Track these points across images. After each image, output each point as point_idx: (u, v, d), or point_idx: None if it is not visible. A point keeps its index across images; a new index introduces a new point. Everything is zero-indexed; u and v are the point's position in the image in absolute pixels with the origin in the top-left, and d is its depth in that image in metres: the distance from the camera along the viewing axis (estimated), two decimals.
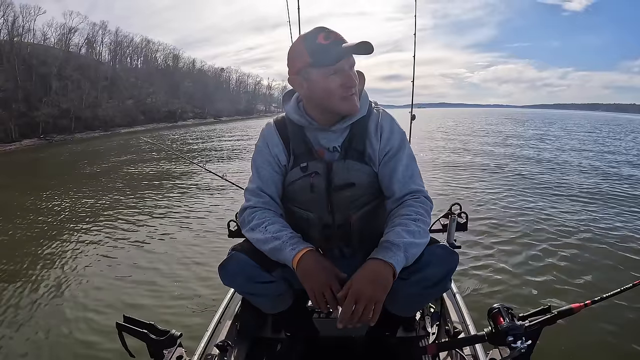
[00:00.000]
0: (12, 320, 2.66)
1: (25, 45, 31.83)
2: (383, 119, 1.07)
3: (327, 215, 1.06)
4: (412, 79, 2.40)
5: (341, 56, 0.94)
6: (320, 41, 0.95)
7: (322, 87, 0.97)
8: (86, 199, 6.65)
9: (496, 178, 6.90)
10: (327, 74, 0.95)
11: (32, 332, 2.50)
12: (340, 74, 0.95)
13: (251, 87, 76.66)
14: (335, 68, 0.95)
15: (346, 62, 0.96)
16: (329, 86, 0.96)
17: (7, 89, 26.80)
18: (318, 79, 0.97)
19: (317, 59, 0.95)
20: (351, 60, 0.97)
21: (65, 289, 3.12)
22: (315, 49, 0.95)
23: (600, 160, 9.61)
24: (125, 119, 37.20)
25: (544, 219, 4.30)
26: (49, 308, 2.82)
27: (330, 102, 0.99)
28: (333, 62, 0.94)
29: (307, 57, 0.96)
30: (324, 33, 0.95)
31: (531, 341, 0.93)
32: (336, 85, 0.96)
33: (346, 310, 0.87)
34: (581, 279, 2.90)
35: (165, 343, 1.07)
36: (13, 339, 2.44)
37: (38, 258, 3.89)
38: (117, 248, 4.02)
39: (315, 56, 0.95)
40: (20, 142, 25.05)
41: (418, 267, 0.96)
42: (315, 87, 0.98)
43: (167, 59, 55.84)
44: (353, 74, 0.98)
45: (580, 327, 2.07)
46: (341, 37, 0.96)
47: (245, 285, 1.04)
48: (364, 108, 1.05)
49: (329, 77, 0.95)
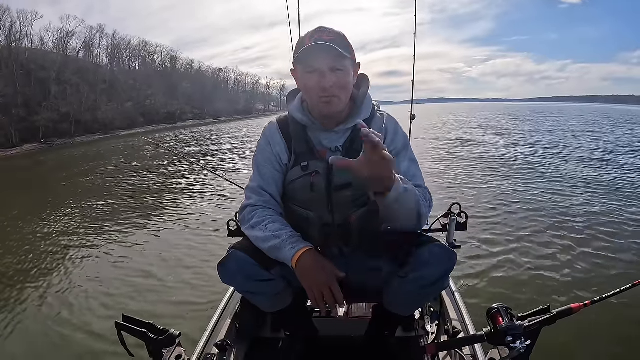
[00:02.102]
0: (11, 320, 2.67)
1: (23, 50, 31.81)
2: (388, 121, 1.08)
3: (327, 215, 1.06)
4: (410, 75, 2.39)
5: (310, 54, 0.96)
6: (305, 41, 0.97)
7: (302, 85, 1.02)
8: (86, 199, 6.66)
9: (496, 178, 6.87)
10: (306, 73, 0.99)
11: (32, 333, 2.52)
12: (319, 74, 0.97)
13: (249, 86, 76.67)
14: (313, 67, 0.97)
15: (322, 61, 0.96)
16: (306, 84, 1.00)
17: (7, 95, 26.85)
18: (301, 77, 1.02)
19: (297, 59, 0.98)
20: (335, 63, 0.97)
21: (65, 289, 3.13)
22: (299, 49, 0.98)
23: (600, 157, 9.57)
24: (124, 122, 37.23)
25: (545, 219, 4.29)
26: (49, 308, 2.83)
27: (310, 100, 1.03)
28: (305, 62, 0.97)
29: (294, 56, 1.00)
30: (314, 31, 0.98)
31: (530, 341, 0.93)
32: (313, 84, 0.98)
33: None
34: (581, 279, 2.89)
35: (164, 342, 1.07)
36: (13, 340, 2.45)
37: (37, 258, 3.90)
38: (117, 248, 4.03)
39: (298, 56, 0.98)
40: (21, 147, 25.12)
41: (416, 266, 0.97)
42: (299, 84, 1.04)
43: (164, 60, 55.85)
44: (335, 77, 0.97)
45: (580, 327, 2.07)
46: (329, 36, 0.96)
47: (244, 283, 1.05)
48: (367, 111, 1.06)
49: (307, 76, 0.99)
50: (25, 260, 3.93)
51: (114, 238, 4.40)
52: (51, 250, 4.20)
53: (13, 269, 3.68)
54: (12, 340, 2.47)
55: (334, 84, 0.97)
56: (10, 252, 4.21)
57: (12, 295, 3.11)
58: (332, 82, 0.97)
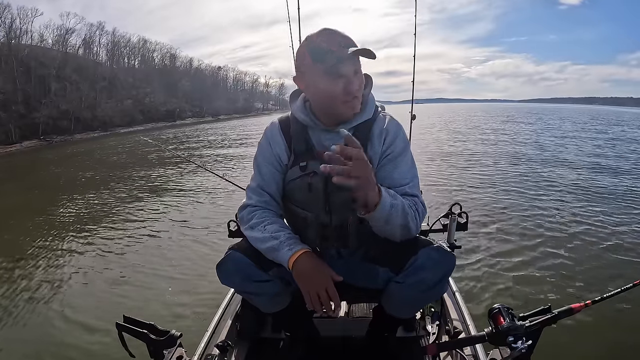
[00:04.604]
0: (10, 321, 2.67)
1: (23, 47, 31.76)
2: (389, 124, 1.06)
3: (325, 216, 1.05)
4: (409, 75, 2.39)
5: (341, 60, 0.92)
6: (323, 43, 0.93)
7: (324, 90, 0.96)
8: (85, 200, 6.66)
9: (497, 178, 6.87)
10: (329, 77, 0.94)
11: (33, 334, 2.51)
12: (343, 78, 0.94)
13: (248, 85, 76.66)
14: (338, 72, 0.93)
15: (350, 67, 0.94)
16: (330, 89, 0.95)
17: (7, 91, 26.83)
18: (321, 82, 0.96)
19: (318, 61, 0.94)
20: (356, 65, 0.96)
21: (64, 289, 3.12)
22: (317, 51, 0.93)
23: (599, 157, 9.59)
24: (124, 119, 37.23)
25: (545, 219, 4.29)
26: (49, 308, 2.82)
27: (330, 104, 0.98)
28: (333, 65, 0.93)
29: (310, 59, 0.95)
30: (327, 36, 0.94)
31: (531, 341, 0.92)
32: (338, 89, 0.95)
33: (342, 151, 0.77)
34: (582, 279, 2.89)
35: (165, 343, 1.07)
36: (11, 342, 2.44)
37: (37, 258, 3.89)
38: (117, 248, 4.02)
39: (317, 58, 0.94)
40: (20, 143, 25.10)
41: (414, 271, 0.96)
42: (317, 90, 0.98)
43: (164, 58, 55.80)
44: (358, 79, 0.97)
45: (581, 327, 2.07)
46: (346, 40, 0.94)
47: (242, 284, 1.05)
48: (369, 111, 1.05)
49: (331, 80, 0.94)
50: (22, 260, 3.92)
51: (113, 238, 4.39)
52: (50, 250, 4.20)
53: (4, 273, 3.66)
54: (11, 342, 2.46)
55: (358, 86, 0.97)
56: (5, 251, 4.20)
57: (11, 296, 3.10)
58: (357, 85, 0.96)
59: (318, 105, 1.02)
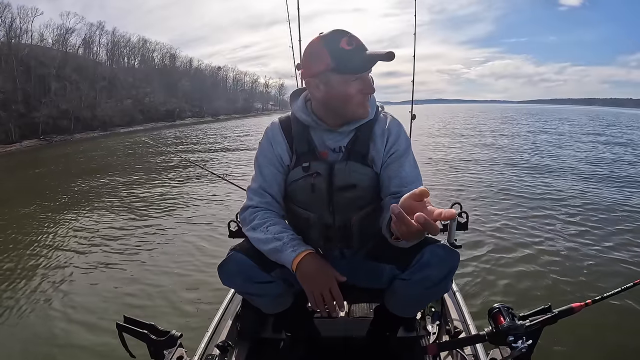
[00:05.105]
0: (9, 322, 2.66)
1: (23, 46, 31.75)
2: (391, 124, 1.07)
3: (328, 216, 1.05)
4: (408, 76, 2.41)
5: (368, 65, 0.94)
6: (343, 46, 0.92)
7: (342, 92, 0.96)
8: (84, 200, 6.65)
9: (497, 178, 6.88)
10: (349, 80, 0.94)
11: (32, 335, 2.50)
12: (361, 80, 0.95)
13: (248, 85, 76.66)
14: (357, 76, 0.94)
15: (369, 69, 0.96)
16: (348, 92, 0.95)
17: (7, 91, 26.84)
18: (338, 84, 0.95)
19: (340, 65, 0.93)
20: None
21: (64, 290, 3.11)
22: (339, 55, 0.92)
23: (599, 157, 9.59)
24: (124, 119, 37.24)
25: (545, 218, 4.28)
26: (49, 309, 2.81)
27: (346, 106, 0.98)
28: (359, 70, 0.94)
29: (329, 62, 0.93)
30: (346, 38, 0.93)
31: (532, 341, 0.93)
32: (356, 91, 0.96)
33: None
34: (582, 278, 2.89)
35: (165, 343, 1.07)
36: (10, 343, 2.43)
37: (36, 258, 3.89)
38: (117, 248, 4.01)
39: (339, 62, 0.93)
40: (20, 143, 25.09)
41: (419, 268, 0.96)
42: (334, 92, 0.97)
43: (164, 58, 55.79)
44: (370, 80, 0.98)
45: (581, 326, 2.07)
46: (362, 43, 0.95)
47: (244, 285, 1.04)
48: (371, 111, 1.05)
49: (350, 83, 0.95)
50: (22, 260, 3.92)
51: (113, 238, 4.39)
52: (50, 251, 4.18)
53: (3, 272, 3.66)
54: (11, 340, 2.46)
55: (371, 87, 0.98)
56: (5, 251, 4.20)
57: (10, 296, 3.10)
58: (372, 87, 0.98)
59: (329, 105, 1.01)
